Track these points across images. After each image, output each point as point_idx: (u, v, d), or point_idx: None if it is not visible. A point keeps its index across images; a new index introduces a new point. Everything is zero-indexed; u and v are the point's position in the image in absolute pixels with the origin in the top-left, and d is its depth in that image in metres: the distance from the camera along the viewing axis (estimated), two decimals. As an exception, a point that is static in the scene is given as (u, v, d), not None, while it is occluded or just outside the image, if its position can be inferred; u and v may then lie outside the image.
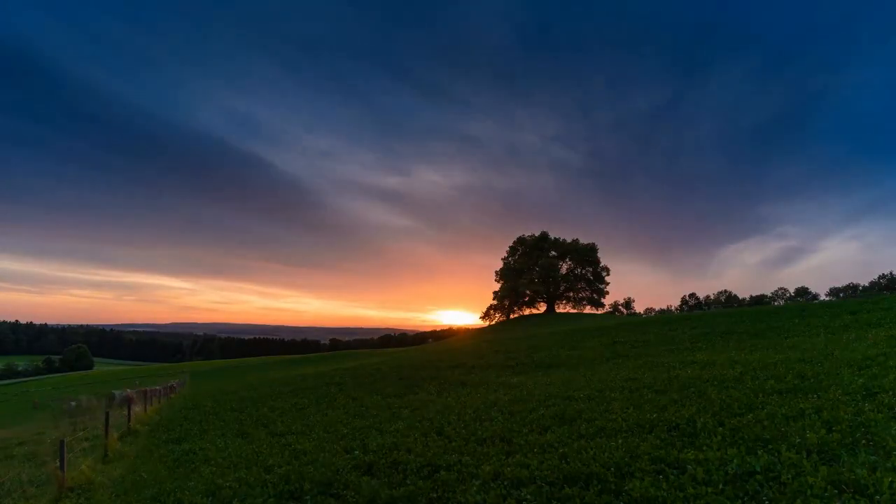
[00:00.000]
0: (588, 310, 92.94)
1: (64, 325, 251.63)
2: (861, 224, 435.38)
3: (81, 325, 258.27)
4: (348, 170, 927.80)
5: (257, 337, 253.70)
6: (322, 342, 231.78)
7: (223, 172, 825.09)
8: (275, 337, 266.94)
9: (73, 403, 25.79)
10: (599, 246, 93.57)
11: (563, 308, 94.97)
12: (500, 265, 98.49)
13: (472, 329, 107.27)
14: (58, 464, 9.23)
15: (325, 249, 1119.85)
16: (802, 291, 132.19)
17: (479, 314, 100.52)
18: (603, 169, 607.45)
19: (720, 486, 5.04)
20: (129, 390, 29.83)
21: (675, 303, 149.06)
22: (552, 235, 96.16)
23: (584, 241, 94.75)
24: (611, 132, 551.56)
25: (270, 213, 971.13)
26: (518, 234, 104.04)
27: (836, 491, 4.55)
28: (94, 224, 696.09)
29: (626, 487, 5.43)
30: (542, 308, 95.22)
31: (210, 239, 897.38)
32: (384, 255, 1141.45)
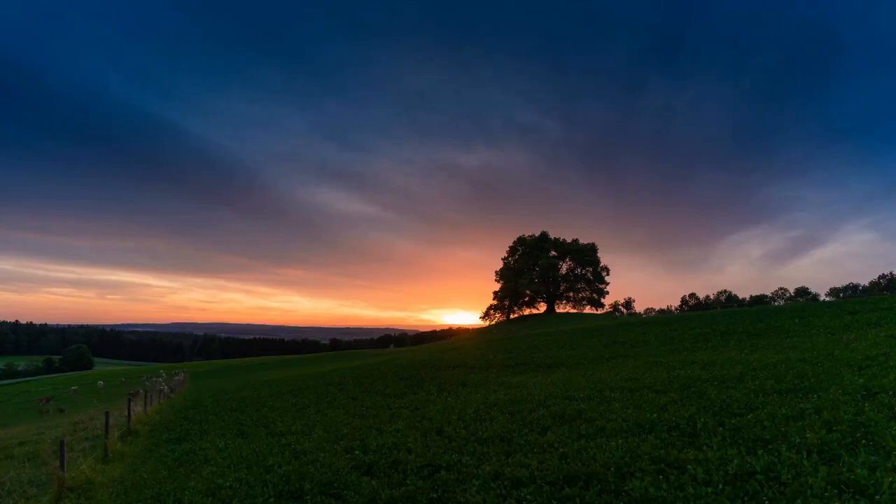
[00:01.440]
0: (588, 310, 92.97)
1: (64, 326, 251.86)
2: (881, 208, 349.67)
3: (81, 326, 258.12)
4: (284, 141, 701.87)
5: (257, 337, 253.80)
6: (322, 342, 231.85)
7: (174, 159, 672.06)
8: (275, 337, 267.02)
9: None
10: (586, 238, 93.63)
11: (563, 308, 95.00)
12: (487, 261, 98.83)
13: (472, 329, 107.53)
14: (58, 464, 9.22)
15: (295, 243, 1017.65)
16: (802, 291, 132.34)
17: (479, 314, 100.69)
18: (584, 141, 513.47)
19: (720, 486, 5.04)
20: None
21: (674, 303, 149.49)
22: (552, 235, 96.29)
23: (567, 231, 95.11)
24: (589, 87, 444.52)
25: (227, 204, 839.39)
26: (497, 223, 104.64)
27: (836, 491, 4.56)
28: (53, 217, 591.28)
29: (626, 487, 5.43)
30: (542, 308, 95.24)
31: (169, 231, 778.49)
32: (358, 250, 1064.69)
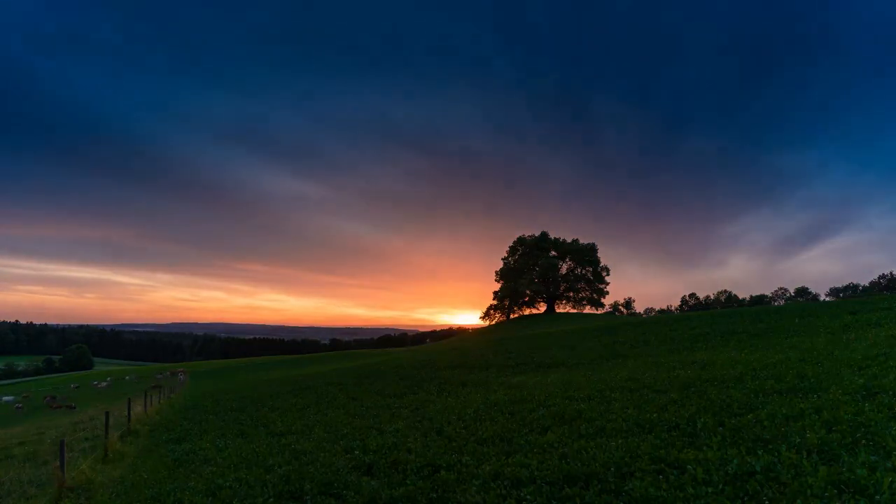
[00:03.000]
0: (588, 310, 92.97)
1: (64, 325, 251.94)
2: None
3: (81, 325, 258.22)
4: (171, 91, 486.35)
5: (257, 337, 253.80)
6: (322, 342, 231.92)
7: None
8: (275, 337, 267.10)
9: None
10: (562, 218, 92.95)
11: (563, 308, 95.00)
12: (455, 251, 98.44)
13: (472, 329, 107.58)
14: (58, 464, 9.22)
15: (247, 233, 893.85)
16: (802, 291, 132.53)
17: (480, 314, 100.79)
18: (545, 82, 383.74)
19: (720, 486, 5.04)
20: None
21: (675, 302, 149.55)
22: (552, 235, 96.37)
23: (547, 229, 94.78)
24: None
25: (149, 186, 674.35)
26: (463, 203, 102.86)
27: (836, 491, 4.55)
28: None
29: (626, 487, 5.43)
30: (542, 308, 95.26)
31: (104, 221, 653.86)
32: (315, 239, 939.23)
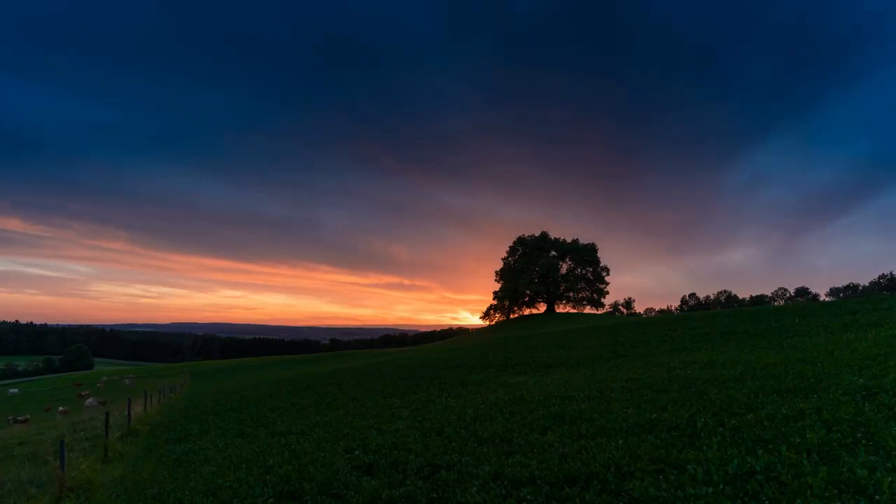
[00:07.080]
0: (588, 310, 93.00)
1: (64, 325, 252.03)
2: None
3: (81, 326, 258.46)
4: None
5: (257, 337, 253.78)
6: (322, 342, 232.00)
7: None
8: (275, 337, 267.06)
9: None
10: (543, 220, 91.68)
11: (563, 308, 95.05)
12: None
13: (473, 329, 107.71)
14: (58, 464, 9.22)
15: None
16: (802, 291, 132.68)
17: (480, 314, 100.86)
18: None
19: (720, 486, 5.04)
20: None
21: (675, 302, 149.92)
22: (552, 235, 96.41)
23: (529, 220, 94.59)
24: None
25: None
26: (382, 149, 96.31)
27: (836, 491, 4.55)
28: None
29: (626, 487, 5.42)
30: (542, 308, 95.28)
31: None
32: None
